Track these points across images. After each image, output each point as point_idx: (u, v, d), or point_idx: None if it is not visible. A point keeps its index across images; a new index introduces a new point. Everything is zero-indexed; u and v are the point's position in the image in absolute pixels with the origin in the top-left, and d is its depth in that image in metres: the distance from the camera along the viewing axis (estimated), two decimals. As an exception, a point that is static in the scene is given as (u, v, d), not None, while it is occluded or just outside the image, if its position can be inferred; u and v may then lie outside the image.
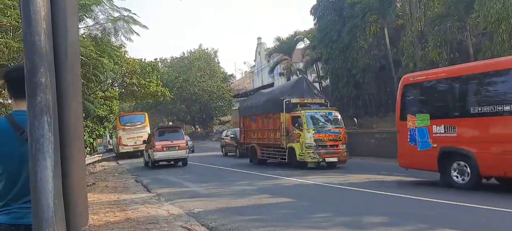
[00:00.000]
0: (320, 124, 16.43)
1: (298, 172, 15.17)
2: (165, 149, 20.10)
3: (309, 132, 15.92)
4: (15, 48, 8.42)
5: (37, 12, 1.38)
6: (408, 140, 11.29)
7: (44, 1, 1.40)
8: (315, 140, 15.83)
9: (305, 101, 17.34)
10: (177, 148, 20.28)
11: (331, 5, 28.12)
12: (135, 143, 28.27)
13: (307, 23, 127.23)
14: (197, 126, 59.25)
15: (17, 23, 8.36)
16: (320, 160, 15.90)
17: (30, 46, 1.38)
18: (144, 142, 23.19)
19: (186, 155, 20.81)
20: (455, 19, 19.06)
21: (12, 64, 8.79)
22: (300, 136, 16.13)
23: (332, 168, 16.04)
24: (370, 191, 10.43)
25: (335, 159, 16.08)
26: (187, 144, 21.37)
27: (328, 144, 16.04)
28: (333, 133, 16.24)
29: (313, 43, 32.51)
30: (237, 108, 51.30)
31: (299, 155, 16.15)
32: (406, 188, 10.64)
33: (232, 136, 26.52)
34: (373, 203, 9.10)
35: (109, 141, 46.00)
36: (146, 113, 33.62)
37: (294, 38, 37.35)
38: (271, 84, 40.96)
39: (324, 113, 17.02)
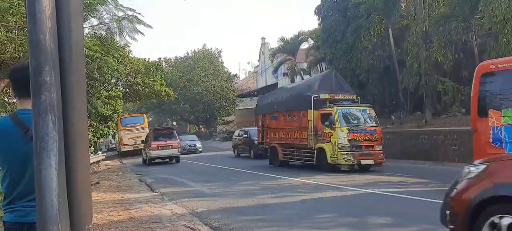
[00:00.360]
0: (354, 122, 14.99)
1: (303, 173, 15.16)
2: (159, 148, 22.56)
3: (342, 131, 14.45)
4: (18, 44, 8.46)
5: (42, 11, 1.39)
6: (490, 140, 9.20)
7: (49, 0, 1.41)
8: (349, 140, 14.38)
9: (336, 97, 15.81)
10: (170, 147, 22.74)
11: (335, 5, 28.05)
12: (135, 142, 30.41)
13: (307, 23, 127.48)
14: (201, 126, 59.32)
15: (22, 22, 8.40)
16: (355, 162, 14.55)
17: (35, 45, 1.39)
18: (142, 142, 25.54)
19: (178, 153, 23.24)
20: (460, 19, 19.00)
21: (17, 57, 8.84)
22: (332, 135, 14.68)
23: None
24: (373, 191, 10.41)
25: (371, 162, 14.67)
26: (179, 144, 23.76)
27: (363, 145, 14.64)
28: (368, 132, 14.83)
29: (317, 44, 32.45)
30: (241, 108, 51.49)
31: (330, 156, 14.72)
32: (409, 189, 10.59)
33: (245, 135, 24.94)
34: (377, 204, 9.08)
35: (110, 140, 46.44)
36: (144, 115, 36.71)
37: (298, 39, 37.32)
38: (275, 85, 40.87)
39: (358, 110, 15.55)
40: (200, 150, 32.02)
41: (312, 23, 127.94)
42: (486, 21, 17.36)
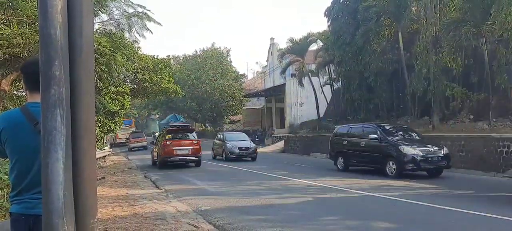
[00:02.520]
0: None
1: (307, 175, 15.11)
2: (135, 142, 40.16)
3: None
4: (29, 38, 8.54)
5: (53, 6, 1.40)
6: None
7: (61, -5, 1.42)
8: None
9: None
10: (140, 141, 40.47)
11: (345, 7, 27.95)
12: (126, 138, 45.24)
13: (307, 23, 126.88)
14: (207, 124, 59.37)
15: (33, 16, 8.48)
16: None
17: (46, 39, 1.40)
18: (127, 139, 43.48)
19: (146, 144, 39.83)
20: (470, 25, 18.80)
21: (28, 51, 8.92)
22: None
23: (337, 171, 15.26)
24: (378, 195, 10.34)
25: None
26: (146, 140, 42.33)
27: None
28: None
29: (326, 45, 32.33)
30: (248, 108, 51.37)
31: None
32: (414, 194, 10.51)
33: (375, 137, 14.87)
34: (381, 208, 9.03)
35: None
36: (133, 119, 54.89)
37: (307, 40, 37.11)
38: (283, 85, 40.70)
39: None
40: (254, 155, 22.59)
41: (312, 23, 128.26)
42: (497, 27, 17.16)
